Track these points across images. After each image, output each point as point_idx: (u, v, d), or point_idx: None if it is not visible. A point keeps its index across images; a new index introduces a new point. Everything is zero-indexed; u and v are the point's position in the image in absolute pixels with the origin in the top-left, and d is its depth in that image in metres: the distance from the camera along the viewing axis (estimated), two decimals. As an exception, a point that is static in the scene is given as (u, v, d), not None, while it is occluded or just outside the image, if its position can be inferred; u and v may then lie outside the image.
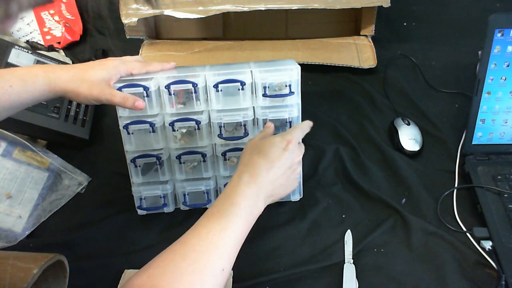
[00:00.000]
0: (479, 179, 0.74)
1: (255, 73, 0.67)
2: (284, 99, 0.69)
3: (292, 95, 0.68)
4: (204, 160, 0.71)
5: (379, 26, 0.98)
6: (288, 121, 0.69)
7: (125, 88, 0.65)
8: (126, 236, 0.74)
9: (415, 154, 0.81)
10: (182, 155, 0.70)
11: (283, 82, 0.67)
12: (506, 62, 0.73)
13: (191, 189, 0.73)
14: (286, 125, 0.70)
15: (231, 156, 0.71)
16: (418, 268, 0.66)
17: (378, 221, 0.72)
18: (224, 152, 0.70)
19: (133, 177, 0.72)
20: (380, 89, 0.94)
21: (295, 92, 0.68)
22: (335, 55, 0.96)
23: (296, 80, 0.68)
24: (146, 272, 0.46)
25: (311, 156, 0.82)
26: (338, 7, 0.90)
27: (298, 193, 0.75)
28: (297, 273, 0.67)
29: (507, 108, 0.77)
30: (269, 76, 0.67)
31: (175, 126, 0.68)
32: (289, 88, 0.68)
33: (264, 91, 0.67)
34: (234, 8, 0.88)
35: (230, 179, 0.58)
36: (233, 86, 0.67)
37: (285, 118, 0.69)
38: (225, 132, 0.69)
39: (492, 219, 0.69)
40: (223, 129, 0.69)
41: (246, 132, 0.69)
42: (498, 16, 0.70)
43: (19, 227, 0.73)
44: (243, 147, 0.64)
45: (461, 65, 0.96)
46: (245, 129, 0.69)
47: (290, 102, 0.69)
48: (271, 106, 0.69)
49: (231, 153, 0.71)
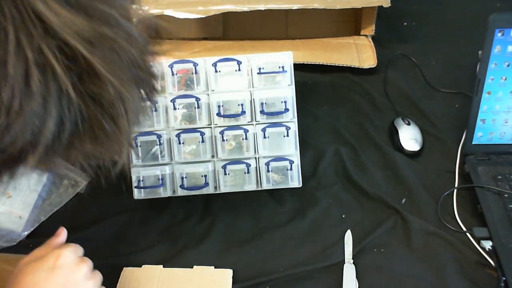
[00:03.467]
0: (480, 179, 0.74)
1: (251, 57, 0.74)
2: (278, 81, 0.74)
3: (285, 73, 0.73)
4: (203, 141, 0.74)
5: (379, 26, 0.98)
6: (283, 101, 0.73)
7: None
8: (126, 236, 0.74)
9: (415, 154, 0.81)
10: (181, 134, 0.73)
11: (276, 63, 0.73)
12: (506, 62, 0.73)
13: (189, 170, 0.74)
14: (282, 105, 0.74)
15: (229, 138, 0.74)
16: (418, 268, 0.66)
17: (378, 221, 0.72)
18: (222, 131, 0.73)
19: (133, 158, 0.74)
20: (380, 89, 0.94)
21: (287, 71, 0.73)
22: (335, 55, 0.96)
23: (288, 62, 0.73)
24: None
25: (311, 156, 0.82)
26: (338, 7, 0.90)
27: (297, 181, 0.76)
28: (297, 273, 0.67)
29: (507, 108, 0.76)
30: (263, 58, 0.74)
31: (176, 103, 0.73)
32: (282, 68, 0.73)
33: (259, 70, 0.73)
34: (234, 8, 0.88)
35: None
36: (231, 66, 0.73)
37: (279, 97, 0.73)
38: (224, 111, 0.74)
39: (492, 219, 0.68)
40: (222, 108, 0.73)
41: (243, 111, 0.73)
42: (498, 16, 0.70)
43: (19, 227, 0.72)
44: (241, 127, 0.73)
45: (461, 65, 0.96)
46: (243, 108, 0.73)
47: (283, 84, 0.74)
48: (267, 88, 0.74)
49: (229, 131, 0.74)
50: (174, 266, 0.68)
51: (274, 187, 0.75)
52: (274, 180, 0.75)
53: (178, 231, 0.74)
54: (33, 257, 0.53)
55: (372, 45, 0.98)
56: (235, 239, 0.72)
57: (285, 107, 0.73)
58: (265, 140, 0.74)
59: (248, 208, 0.76)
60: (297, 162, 0.75)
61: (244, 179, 0.75)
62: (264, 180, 0.75)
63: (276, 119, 0.74)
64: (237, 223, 0.74)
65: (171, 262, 0.69)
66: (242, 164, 0.74)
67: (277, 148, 0.74)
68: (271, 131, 0.74)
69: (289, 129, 0.73)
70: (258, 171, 0.75)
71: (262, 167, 0.74)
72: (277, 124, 0.74)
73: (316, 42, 1.00)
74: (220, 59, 0.73)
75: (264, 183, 0.75)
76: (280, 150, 0.74)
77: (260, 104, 0.73)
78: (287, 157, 0.74)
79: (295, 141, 0.74)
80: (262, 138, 0.74)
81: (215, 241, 0.72)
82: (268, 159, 0.74)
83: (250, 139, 0.74)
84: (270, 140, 0.74)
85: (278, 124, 0.74)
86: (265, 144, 0.74)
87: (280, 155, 0.74)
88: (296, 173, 0.75)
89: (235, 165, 0.74)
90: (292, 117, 0.74)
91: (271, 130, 0.74)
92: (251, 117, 0.74)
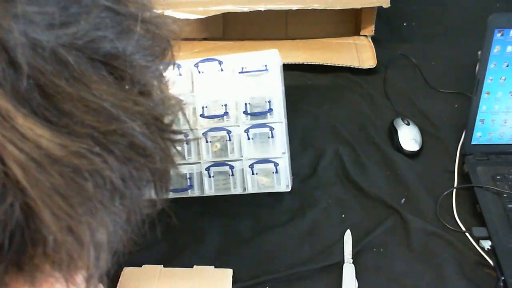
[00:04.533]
0: (479, 179, 0.74)
1: (234, 56, 0.71)
2: (263, 80, 0.71)
3: (268, 72, 0.70)
4: (187, 143, 0.72)
5: (379, 26, 0.98)
6: (267, 101, 0.71)
7: None
8: (126, 236, 0.74)
9: (415, 154, 0.81)
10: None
11: (259, 62, 0.71)
12: (505, 62, 0.74)
13: (173, 172, 0.72)
14: (265, 105, 0.71)
15: (214, 140, 0.72)
16: (418, 268, 0.66)
17: (378, 221, 0.72)
18: (205, 132, 0.72)
19: None
20: (380, 89, 0.94)
21: (269, 70, 0.70)
22: (335, 55, 0.96)
23: (272, 61, 0.70)
24: None
25: (311, 156, 0.82)
26: (338, 7, 0.90)
27: (284, 184, 0.72)
28: (297, 273, 0.67)
29: (506, 108, 0.77)
30: (246, 57, 0.71)
31: None
32: (265, 67, 0.70)
33: (241, 69, 0.70)
34: (234, 8, 0.88)
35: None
36: (212, 66, 0.71)
37: (263, 96, 0.71)
38: (207, 113, 0.72)
39: (491, 219, 0.69)
40: (205, 109, 0.72)
41: (226, 112, 0.71)
42: (498, 16, 0.71)
43: (19, 227, 0.72)
44: (225, 128, 0.70)
45: (461, 65, 0.96)
46: (226, 108, 0.71)
47: (269, 83, 0.71)
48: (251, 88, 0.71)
49: (212, 132, 0.71)
50: (174, 266, 0.68)
51: (261, 191, 0.72)
52: (263, 184, 0.72)
53: (178, 231, 0.74)
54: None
55: (372, 45, 0.98)
56: (235, 239, 0.72)
57: (269, 107, 0.70)
58: (250, 141, 0.71)
59: (248, 208, 0.76)
60: (284, 165, 0.71)
61: (229, 182, 0.72)
62: (249, 184, 0.71)
63: (261, 119, 0.71)
64: (237, 223, 0.74)
65: (171, 262, 0.69)
66: (226, 166, 0.71)
67: (263, 150, 0.71)
68: (254, 132, 0.70)
69: (273, 130, 0.70)
70: (244, 173, 0.72)
71: (247, 170, 0.71)
72: (261, 125, 0.70)
73: (316, 42, 1.00)
74: (201, 60, 0.71)
75: (249, 186, 0.71)
76: (266, 152, 0.71)
77: (244, 105, 0.71)
78: (273, 160, 0.70)
79: (283, 142, 0.71)
80: (247, 139, 0.71)
81: (215, 241, 0.72)
82: (252, 161, 0.71)
83: (235, 141, 0.71)
84: (255, 141, 0.71)
85: (262, 125, 0.71)
86: (250, 146, 0.71)
87: (266, 157, 0.71)
88: (284, 176, 0.71)
89: (219, 167, 0.71)
90: (279, 118, 0.70)
91: (254, 131, 0.70)
92: (236, 118, 0.71)
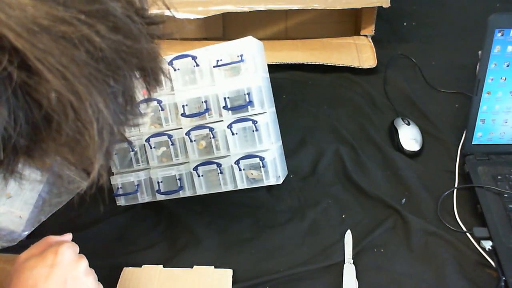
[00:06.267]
0: (479, 179, 0.74)
1: (208, 48, 0.69)
2: (242, 72, 0.68)
3: (243, 62, 0.67)
4: (172, 143, 0.72)
5: (379, 26, 0.98)
6: (245, 93, 0.67)
7: None
8: (126, 236, 0.74)
9: (415, 154, 0.81)
10: (151, 138, 0.72)
11: (234, 52, 0.67)
12: (506, 62, 0.73)
13: (164, 174, 0.72)
14: (245, 98, 0.68)
15: (198, 138, 0.71)
16: (418, 268, 0.66)
17: (378, 221, 0.72)
18: (188, 131, 0.70)
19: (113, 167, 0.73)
20: (380, 89, 0.94)
21: (246, 59, 0.67)
22: (335, 55, 0.96)
23: (248, 49, 0.67)
24: None
25: (311, 156, 0.82)
26: (338, 7, 0.90)
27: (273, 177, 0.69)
28: (297, 273, 0.67)
29: (507, 108, 0.76)
30: (220, 48, 0.68)
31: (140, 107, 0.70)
32: (241, 57, 0.67)
33: (216, 63, 0.68)
34: (234, 8, 0.88)
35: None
36: (187, 62, 0.69)
37: (242, 88, 0.68)
38: (189, 111, 0.70)
39: (492, 219, 0.68)
40: (186, 108, 0.70)
41: (207, 108, 0.69)
42: (498, 16, 0.70)
43: (19, 227, 0.72)
44: (208, 125, 0.68)
45: (461, 65, 0.96)
46: (206, 105, 0.69)
47: (247, 74, 0.68)
48: (228, 81, 0.69)
49: (195, 131, 0.70)
50: (174, 266, 0.68)
51: (251, 185, 0.70)
52: (253, 178, 0.70)
53: (178, 231, 0.74)
54: (30, 254, 0.53)
55: (372, 45, 0.98)
56: (235, 239, 0.72)
57: (248, 100, 0.67)
58: (235, 137, 0.68)
59: (248, 207, 0.76)
60: (271, 158, 0.68)
61: (219, 180, 0.70)
62: (238, 180, 0.69)
63: (242, 113, 0.68)
64: (236, 223, 0.74)
65: (171, 262, 0.69)
66: (213, 165, 0.70)
67: (249, 145, 0.69)
68: (238, 126, 0.68)
69: (256, 123, 0.67)
70: (233, 170, 0.70)
71: (235, 166, 0.69)
72: (243, 119, 0.68)
73: (316, 42, 1.00)
74: (175, 57, 0.69)
75: (239, 182, 0.70)
76: (252, 146, 0.69)
77: (223, 99, 0.68)
78: (258, 154, 0.68)
79: (269, 134, 0.69)
80: (231, 135, 0.68)
81: (215, 241, 0.72)
82: (238, 157, 0.69)
83: (219, 138, 0.69)
84: (239, 136, 0.68)
85: (245, 119, 0.68)
86: (235, 141, 0.69)
87: (253, 152, 0.69)
88: (272, 169, 0.68)
89: (207, 166, 0.70)
90: (260, 109, 0.68)
91: (237, 125, 0.68)
92: (218, 113, 0.69)
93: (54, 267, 0.51)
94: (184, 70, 0.70)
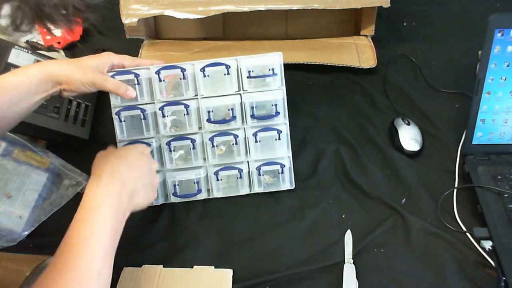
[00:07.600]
0: (479, 179, 0.74)
1: (240, 59, 0.72)
2: (268, 83, 0.72)
3: (275, 76, 0.72)
4: (194, 147, 0.73)
5: (379, 26, 0.98)
6: (273, 104, 0.72)
7: (117, 76, 0.70)
8: (126, 236, 0.73)
9: (415, 154, 0.81)
10: (172, 141, 0.73)
11: (266, 65, 0.71)
12: (506, 62, 0.73)
13: (181, 178, 0.73)
14: (271, 108, 0.72)
15: (219, 143, 0.73)
16: (418, 268, 0.66)
17: (378, 221, 0.72)
18: (212, 137, 0.72)
19: None
20: (380, 89, 0.94)
21: (277, 73, 0.72)
22: (335, 55, 0.96)
23: (278, 63, 0.72)
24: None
25: (311, 156, 0.82)
26: (338, 7, 0.90)
27: (289, 182, 0.76)
28: (297, 273, 0.67)
29: (507, 108, 0.76)
30: (252, 61, 0.72)
31: (164, 110, 0.72)
32: (272, 71, 0.71)
33: (248, 74, 0.71)
34: (234, 8, 0.88)
35: (89, 181, 0.57)
36: (220, 71, 0.71)
37: (270, 100, 0.72)
38: (214, 117, 0.73)
39: (492, 219, 0.69)
40: (211, 114, 0.72)
41: (233, 116, 0.72)
42: (498, 16, 0.70)
43: (19, 227, 0.72)
44: (231, 132, 0.71)
45: (461, 65, 0.96)
46: (233, 113, 0.72)
47: (273, 86, 0.72)
48: (257, 91, 0.72)
49: (219, 138, 0.73)
50: (174, 266, 0.68)
51: (266, 190, 0.75)
52: (266, 183, 0.75)
53: (178, 231, 0.74)
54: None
55: (372, 45, 0.98)
56: (235, 239, 0.72)
57: (276, 110, 0.72)
58: (257, 144, 0.73)
59: (248, 208, 0.76)
60: (288, 165, 0.74)
61: (237, 184, 0.75)
62: (255, 184, 0.75)
63: (267, 122, 0.73)
64: (237, 223, 0.74)
65: (171, 262, 0.69)
66: (234, 170, 0.74)
67: (269, 152, 0.74)
68: (262, 135, 0.73)
69: (281, 133, 0.73)
70: (250, 175, 0.75)
71: (254, 171, 0.74)
72: (268, 127, 0.73)
73: (316, 42, 1.00)
74: (208, 64, 0.71)
75: (256, 186, 0.75)
76: (272, 153, 0.74)
77: (251, 108, 0.72)
78: (279, 161, 0.74)
79: (287, 143, 0.74)
80: (254, 142, 0.73)
81: (215, 241, 0.72)
82: (259, 163, 0.74)
83: (240, 144, 0.73)
84: (261, 143, 0.73)
85: (270, 128, 0.73)
86: (256, 148, 0.74)
87: (272, 158, 0.74)
88: (288, 175, 0.75)
89: (228, 171, 0.74)
90: (284, 120, 0.74)
91: (262, 134, 0.73)
92: (242, 121, 0.73)
93: (143, 155, 0.64)
94: (214, 76, 0.72)
